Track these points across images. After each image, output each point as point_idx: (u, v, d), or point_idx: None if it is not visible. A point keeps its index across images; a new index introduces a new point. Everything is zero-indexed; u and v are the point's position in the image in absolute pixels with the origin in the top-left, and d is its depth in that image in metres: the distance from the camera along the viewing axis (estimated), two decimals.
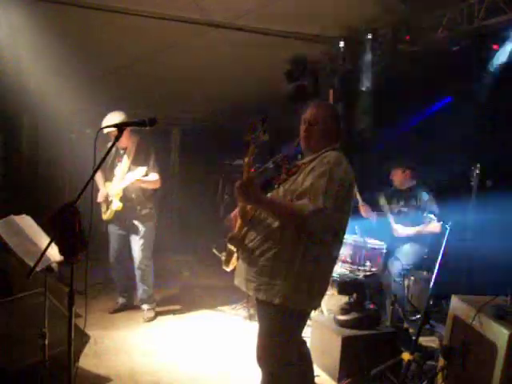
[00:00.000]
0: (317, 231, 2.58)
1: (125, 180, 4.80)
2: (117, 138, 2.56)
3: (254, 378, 3.17)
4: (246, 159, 2.63)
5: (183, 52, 6.18)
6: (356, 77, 6.29)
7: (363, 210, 5.07)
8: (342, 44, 6.24)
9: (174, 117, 8.55)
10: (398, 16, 5.46)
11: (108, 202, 4.97)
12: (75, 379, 2.71)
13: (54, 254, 2.80)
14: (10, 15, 5.13)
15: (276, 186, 2.81)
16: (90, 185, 2.36)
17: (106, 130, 4.17)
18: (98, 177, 5.03)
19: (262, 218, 2.69)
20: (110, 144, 2.57)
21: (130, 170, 4.86)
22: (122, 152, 4.96)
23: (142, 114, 2.55)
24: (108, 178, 5.01)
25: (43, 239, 3.04)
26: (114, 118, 4.65)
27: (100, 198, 4.98)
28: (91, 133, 5.23)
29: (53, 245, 2.50)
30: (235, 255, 2.85)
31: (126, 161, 4.90)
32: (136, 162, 4.88)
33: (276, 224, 2.62)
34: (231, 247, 2.84)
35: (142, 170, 4.76)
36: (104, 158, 2.52)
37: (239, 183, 2.57)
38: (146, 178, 4.85)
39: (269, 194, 2.79)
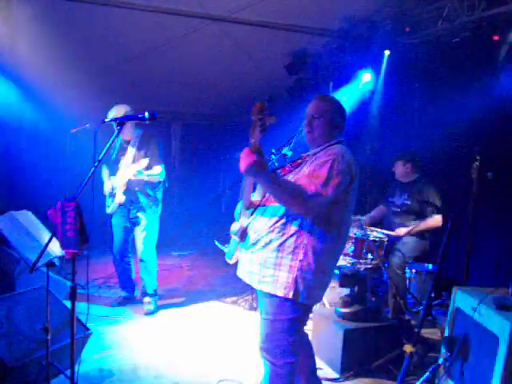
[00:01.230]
0: (318, 218, 2.58)
1: (127, 173, 4.80)
2: (118, 132, 2.56)
3: (257, 370, 3.18)
4: (253, 141, 2.54)
5: (184, 46, 6.18)
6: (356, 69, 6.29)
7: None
8: (342, 36, 6.23)
9: (175, 111, 8.54)
10: (398, 8, 5.45)
11: (113, 195, 4.97)
12: (77, 374, 2.72)
13: (55, 248, 2.81)
14: (10, 10, 5.13)
15: (281, 177, 2.81)
16: (91, 179, 2.36)
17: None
18: (104, 171, 5.04)
19: (267, 209, 2.68)
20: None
21: (133, 162, 4.86)
22: (125, 145, 4.96)
23: (143, 108, 2.54)
24: (113, 172, 5.01)
25: (44, 234, 3.05)
26: (118, 111, 4.65)
27: (106, 190, 4.99)
28: (92, 127, 5.22)
29: (54, 239, 2.51)
30: (239, 247, 2.85)
31: (129, 153, 4.91)
32: (140, 154, 4.88)
33: (280, 214, 2.62)
34: (235, 239, 2.84)
35: (144, 162, 4.77)
36: (105, 153, 2.51)
37: (245, 150, 2.50)
38: (148, 172, 4.85)
39: None
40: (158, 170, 4.93)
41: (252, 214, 2.75)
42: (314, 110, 2.80)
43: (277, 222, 2.63)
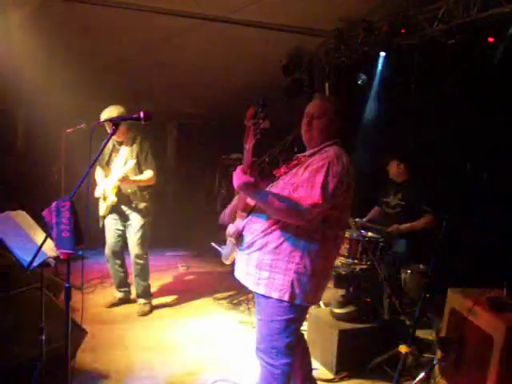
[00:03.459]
0: (314, 225, 2.58)
1: (116, 175, 4.78)
2: (112, 133, 2.55)
3: (253, 371, 3.19)
4: (247, 146, 2.55)
5: (180, 46, 6.17)
6: (352, 70, 6.29)
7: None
8: (337, 37, 6.23)
9: (170, 111, 8.53)
10: (394, 9, 5.45)
11: (105, 197, 4.96)
12: (72, 374, 2.71)
13: (50, 249, 2.80)
14: (5, 8, 5.12)
15: (276, 179, 2.81)
16: (86, 180, 2.35)
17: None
18: (98, 173, 5.03)
19: (263, 211, 2.68)
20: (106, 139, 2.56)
21: (125, 164, 4.85)
22: (118, 147, 4.95)
23: (138, 109, 2.53)
24: (106, 173, 5.00)
25: (39, 234, 3.04)
26: (112, 111, 4.64)
27: (97, 193, 4.97)
28: (87, 127, 5.21)
29: (49, 240, 2.50)
30: (235, 248, 2.85)
31: (122, 155, 4.89)
32: (132, 156, 4.87)
33: (276, 218, 2.62)
34: (231, 240, 2.84)
35: (131, 163, 4.77)
36: (100, 153, 2.50)
37: (238, 170, 2.52)
38: (138, 177, 4.85)
39: (268, 187, 2.78)
40: (149, 174, 4.92)
41: (248, 215, 2.75)
42: (316, 109, 2.78)
43: (273, 224, 2.63)
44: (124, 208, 4.99)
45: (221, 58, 6.55)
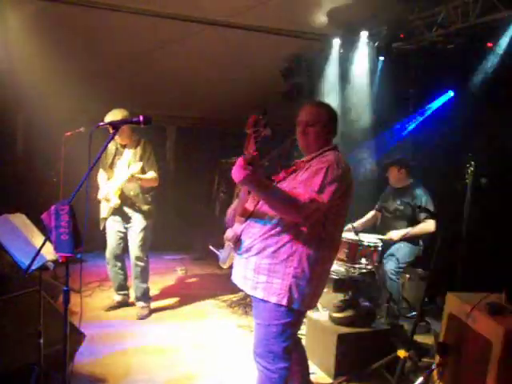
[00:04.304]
0: (312, 225, 2.58)
1: (122, 177, 4.80)
2: (112, 136, 2.55)
3: (250, 375, 3.18)
4: (247, 153, 2.48)
5: (180, 50, 6.19)
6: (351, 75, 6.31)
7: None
8: (337, 42, 6.26)
9: (170, 114, 8.54)
10: (393, 14, 5.47)
11: (108, 200, 4.96)
12: (70, 378, 2.70)
13: (49, 252, 2.79)
14: (3, 13, 5.13)
15: (275, 184, 2.80)
16: (85, 183, 2.35)
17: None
18: (101, 176, 5.03)
19: (261, 215, 2.69)
20: (110, 143, 2.56)
21: (129, 167, 4.86)
22: (122, 149, 4.96)
23: (138, 112, 2.54)
24: (109, 176, 5.00)
25: (38, 237, 3.04)
26: (116, 115, 4.65)
27: (100, 196, 4.98)
28: (86, 131, 5.21)
29: (48, 243, 2.50)
30: (232, 252, 2.86)
31: (126, 158, 4.90)
32: (135, 159, 4.88)
33: (275, 221, 2.62)
34: (229, 244, 2.84)
35: (138, 165, 4.78)
36: (99, 157, 2.51)
37: (239, 163, 2.43)
38: (143, 176, 4.86)
39: None
40: (152, 175, 4.93)
41: (246, 220, 2.75)
42: (309, 116, 2.79)
43: (271, 229, 2.63)
44: (127, 210, 5.00)
45: (220, 62, 6.56)
